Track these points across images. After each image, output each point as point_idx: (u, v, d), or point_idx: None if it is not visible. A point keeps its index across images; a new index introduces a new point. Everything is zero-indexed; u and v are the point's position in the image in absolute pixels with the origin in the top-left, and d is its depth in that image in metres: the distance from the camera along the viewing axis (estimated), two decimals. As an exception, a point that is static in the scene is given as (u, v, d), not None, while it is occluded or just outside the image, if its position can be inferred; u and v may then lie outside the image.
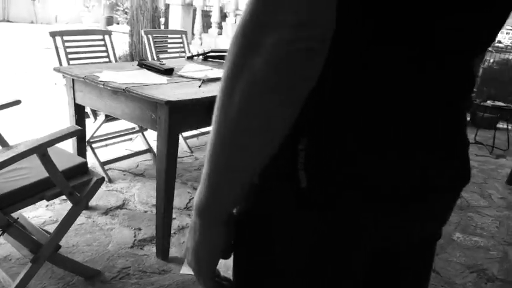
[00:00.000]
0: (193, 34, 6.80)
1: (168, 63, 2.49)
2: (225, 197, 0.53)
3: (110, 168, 2.92)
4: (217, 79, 2.28)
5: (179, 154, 3.35)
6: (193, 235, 0.59)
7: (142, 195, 2.64)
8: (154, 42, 3.51)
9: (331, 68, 0.48)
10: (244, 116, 0.46)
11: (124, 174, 2.92)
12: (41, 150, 1.47)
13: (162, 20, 7.82)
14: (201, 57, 2.98)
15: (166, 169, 1.85)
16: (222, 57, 2.98)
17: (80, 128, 1.60)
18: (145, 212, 2.45)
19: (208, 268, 0.61)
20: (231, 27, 6.58)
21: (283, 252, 0.58)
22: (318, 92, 0.47)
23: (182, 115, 1.83)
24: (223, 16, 7.35)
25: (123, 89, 1.85)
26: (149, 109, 1.84)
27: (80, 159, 1.77)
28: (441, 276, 2.10)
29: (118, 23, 13.97)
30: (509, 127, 5.02)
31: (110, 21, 13.56)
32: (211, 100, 1.81)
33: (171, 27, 7.10)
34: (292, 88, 0.45)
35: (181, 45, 3.85)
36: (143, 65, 2.37)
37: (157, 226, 1.98)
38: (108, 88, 1.91)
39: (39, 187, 1.59)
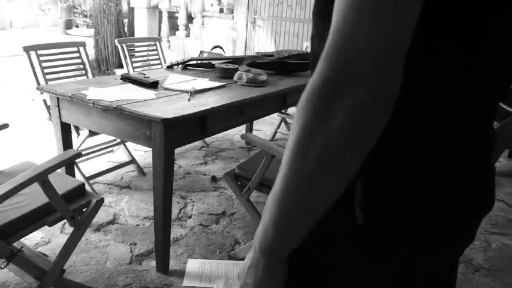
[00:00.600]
0: (160, 37, 6.73)
1: (150, 75, 2.48)
2: (293, 239, 0.57)
3: (95, 182, 2.89)
4: (204, 90, 2.30)
5: (162, 163, 3.35)
6: (255, 272, 0.62)
7: (131, 208, 2.63)
8: (129, 51, 3.48)
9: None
10: (322, 170, 0.50)
11: (110, 188, 2.89)
12: (42, 178, 1.46)
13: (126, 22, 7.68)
14: (180, 66, 2.99)
15: (164, 185, 1.87)
16: (202, 65, 2.99)
17: (79, 151, 1.59)
18: (138, 225, 2.44)
19: (271, 283, 0.64)
20: (198, 29, 6.56)
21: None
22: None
23: (176, 130, 1.85)
24: (189, 17, 7.30)
25: (115, 108, 1.84)
26: (142, 126, 1.85)
27: (77, 182, 1.76)
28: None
29: (77, 26, 13.60)
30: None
31: (68, 24, 13.18)
32: (203, 114, 1.82)
33: (136, 31, 7.00)
34: (366, 144, 0.49)
35: (156, 52, 3.83)
36: (127, 79, 2.35)
37: (157, 242, 1.98)
38: (99, 107, 1.90)
39: (40, 213, 1.58)
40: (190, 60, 2.99)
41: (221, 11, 6.47)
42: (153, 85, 2.30)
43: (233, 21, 6.07)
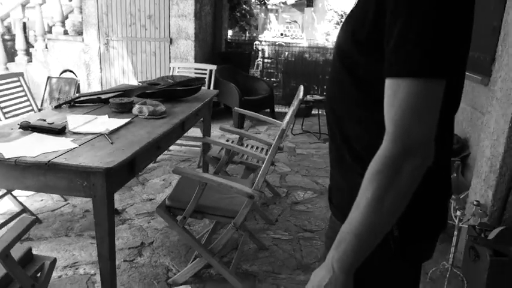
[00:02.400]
0: (21, 72, 6.09)
1: (39, 118, 2.38)
2: (363, 258, 0.83)
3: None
4: (117, 129, 2.33)
5: (54, 206, 3.20)
6: (339, 285, 0.84)
7: (45, 260, 2.49)
8: (-7, 91, 3.20)
9: None
10: (393, 212, 0.78)
11: (8, 244, 2.66)
12: (4, 253, 1.41)
13: None
14: (66, 104, 2.89)
15: (109, 232, 1.90)
16: (91, 101, 2.94)
17: (35, 217, 1.55)
18: (60, 276, 2.35)
19: None
20: (42, 53, 6.10)
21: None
22: None
23: (114, 177, 1.89)
24: (27, 41, 6.71)
25: (46, 163, 1.80)
26: (79, 178, 1.84)
27: (23, 247, 1.68)
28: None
29: None
30: (319, 112, 6.06)
31: None
32: (133, 157, 1.88)
33: (-36, 59, 6.16)
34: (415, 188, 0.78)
35: (21, 88, 3.57)
36: (30, 127, 2.24)
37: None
38: (24, 164, 1.82)
39: (-3, 289, 1.50)
40: (79, 97, 2.92)
41: (65, 32, 6.14)
42: (61, 131, 2.24)
43: (84, 44, 5.83)
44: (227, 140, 3.45)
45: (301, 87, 3.23)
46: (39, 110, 3.68)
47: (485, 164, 2.42)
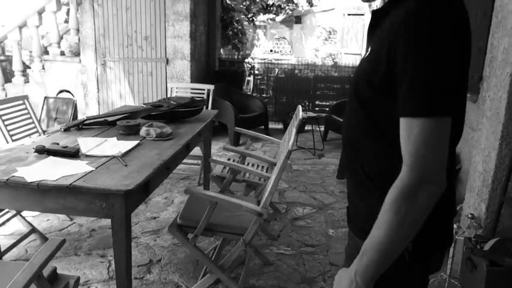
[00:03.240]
0: (26, 95, 6.15)
1: (48, 141, 2.47)
2: (384, 269, 0.95)
3: None
4: (128, 151, 2.43)
5: (60, 226, 3.27)
6: None
7: (57, 280, 2.56)
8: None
9: None
10: (412, 232, 0.90)
11: (19, 265, 2.72)
12: (37, 274, 1.49)
13: None
14: (74, 127, 2.98)
15: (127, 250, 1.99)
16: (98, 123, 3.04)
17: (63, 238, 1.64)
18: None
19: None
20: (39, 73, 6.18)
21: None
22: None
23: (131, 198, 1.99)
24: (24, 63, 6.79)
25: (68, 186, 1.90)
26: (98, 199, 1.94)
27: (49, 267, 1.76)
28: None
29: None
30: (313, 128, 6.21)
31: None
32: (148, 179, 1.98)
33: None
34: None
35: (26, 111, 3.65)
36: (45, 151, 2.33)
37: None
38: (46, 187, 1.92)
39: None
40: (87, 119, 3.01)
41: (62, 53, 6.23)
42: (75, 154, 2.34)
43: (81, 65, 5.93)
44: (228, 159, 3.56)
45: (299, 107, 3.37)
46: (44, 131, 3.75)
47: (478, 178, 2.57)
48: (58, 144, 2.47)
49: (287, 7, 14.44)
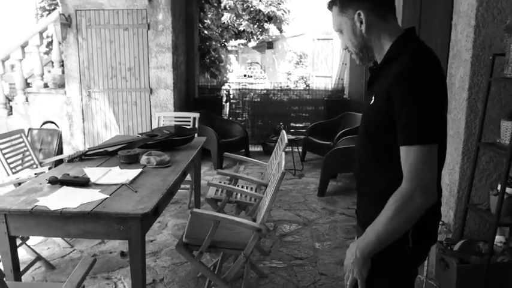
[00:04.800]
0: (22, 129, 6.27)
1: (58, 172, 2.68)
2: (379, 249, 1.27)
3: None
4: (135, 178, 2.67)
5: (62, 253, 3.43)
6: (358, 264, 1.30)
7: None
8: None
9: None
10: (404, 226, 1.23)
11: (30, 290, 2.88)
12: (76, 288, 1.71)
13: None
14: (77, 158, 3.19)
15: (142, 268, 2.22)
16: (99, 154, 3.26)
17: (95, 257, 1.86)
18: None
19: (366, 273, 1.32)
20: (23, 105, 6.32)
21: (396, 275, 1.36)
22: None
23: (146, 221, 2.23)
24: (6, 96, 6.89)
25: (89, 212, 2.12)
26: (116, 223, 2.17)
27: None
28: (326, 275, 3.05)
29: None
30: (292, 150, 6.53)
31: None
32: (158, 203, 2.26)
33: None
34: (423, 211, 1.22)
35: (23, 144, 3.83)
36: (59, 182, 2.54)
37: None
38: (69, 214, 2.14)
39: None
40: (88, 151, 3.23)
41: (45, 85, 6.40)
42: (86, 183, 2.56)
43: (66, 96, 6.11)
44: (219, 182, 3.82)
45: (284, 132, 3.69)
46: (40, 163, 3.93)
47: (445, 189, 2.92)
48: (68, 174, 2.69)
49: (258, 33, 14.96)
